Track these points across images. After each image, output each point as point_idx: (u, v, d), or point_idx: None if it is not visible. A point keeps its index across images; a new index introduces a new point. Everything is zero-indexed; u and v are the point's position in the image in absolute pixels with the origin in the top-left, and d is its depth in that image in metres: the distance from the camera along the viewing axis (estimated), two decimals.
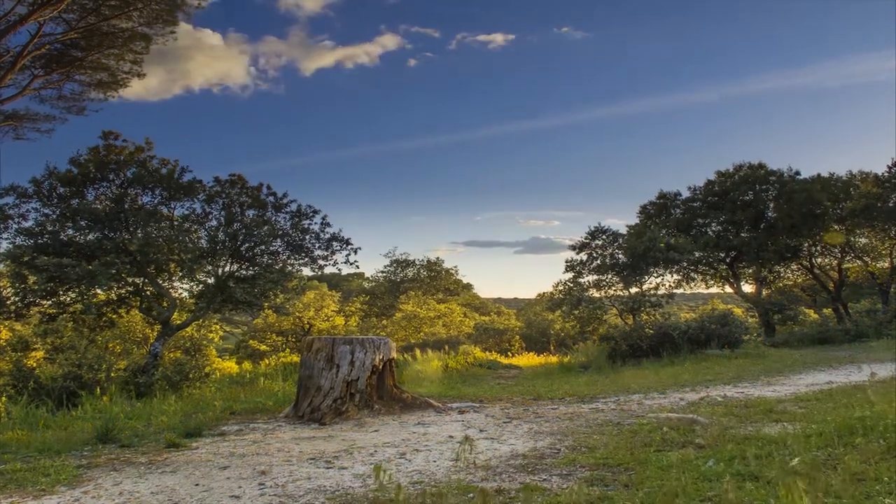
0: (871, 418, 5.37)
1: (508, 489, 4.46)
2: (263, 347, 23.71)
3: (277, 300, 15.41)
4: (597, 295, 19.86)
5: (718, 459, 4.84)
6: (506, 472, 5.06)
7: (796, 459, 4.42)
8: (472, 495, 4.31)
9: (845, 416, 5.83)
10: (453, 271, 51.31)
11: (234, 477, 5.20)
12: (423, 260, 51.06)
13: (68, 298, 13.00)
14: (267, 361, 19.55)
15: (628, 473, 4.73)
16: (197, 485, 4.99)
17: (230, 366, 23.38)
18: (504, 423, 7.64)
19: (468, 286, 54.12)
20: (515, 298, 61.75)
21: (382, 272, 50.24)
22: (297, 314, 22.46)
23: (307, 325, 22.35)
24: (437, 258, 51.44)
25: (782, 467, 4.29)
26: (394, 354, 9.09)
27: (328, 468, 5.43)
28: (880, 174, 22.37)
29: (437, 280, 49.67)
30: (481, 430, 7.15)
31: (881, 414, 5.48)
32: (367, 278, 52.58)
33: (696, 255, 23.36)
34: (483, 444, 6.29)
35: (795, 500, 2.47)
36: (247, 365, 20.40)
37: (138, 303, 14.04)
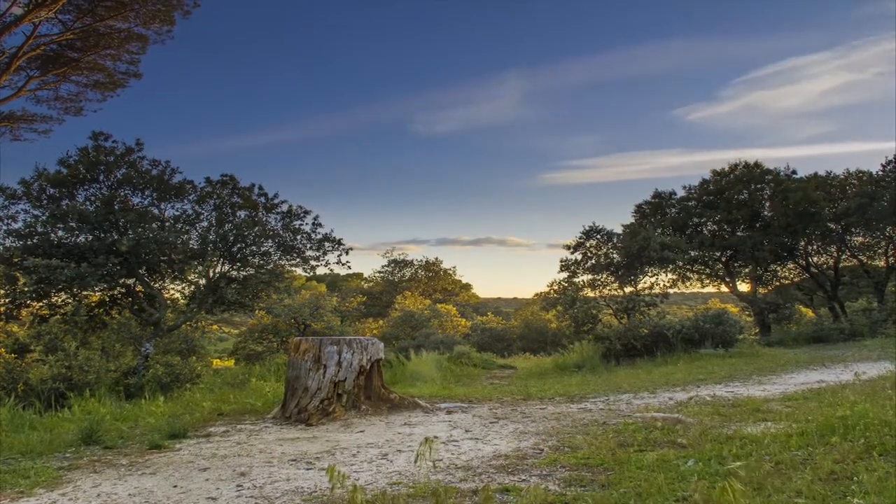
0: (852, 417, 5.36)
1: (488, 489, 4.44)
2: (259, 348, 23.68)
3: (271, 300, 15.35)
4: (592, 294, 19.83)
5: (698, 459, 4.84)
6: (486, 473, 5.05)
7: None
8: (450, 497, 4.30)
9: (828, 415, 5.83)
10: (451, 271, 51.45)
11: (213, 478, 5.18)
12: (421, 260, 51.18)
13: (59, 300, 13.00)
14: (261, 362, 19.53)
15: (607, 473, 4.73)
16: (175, 486, 4.98)
17: (229, 364, 23.36)
18: (490, 423, 7.63)
19: (467, 286, 54.19)
20: (515, 298, 61.75)
21: (380, 272, 50.36)
22: (292, 315, 22.44)
23: (302, 326, 22.32)
24: (436, 258, 51.55)
25: (758, 469, 4.28)
26: (381, 355, 9.07)
27: (308, 469, 5.42)
28: (875, 173, 22.38)
29: (434, 280, 49.73)
30: (467, 431, 7.13)
31: (862, 413, 5.46)
32: (366, 278, 52.60)
33: (692, 254, 23.33)
34: (467, 445, 6.28)
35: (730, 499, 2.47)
36: (241, 365, 20.38)
37: (130, 304, 14.03)
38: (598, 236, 20.44)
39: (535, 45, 62.62)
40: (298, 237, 14.78)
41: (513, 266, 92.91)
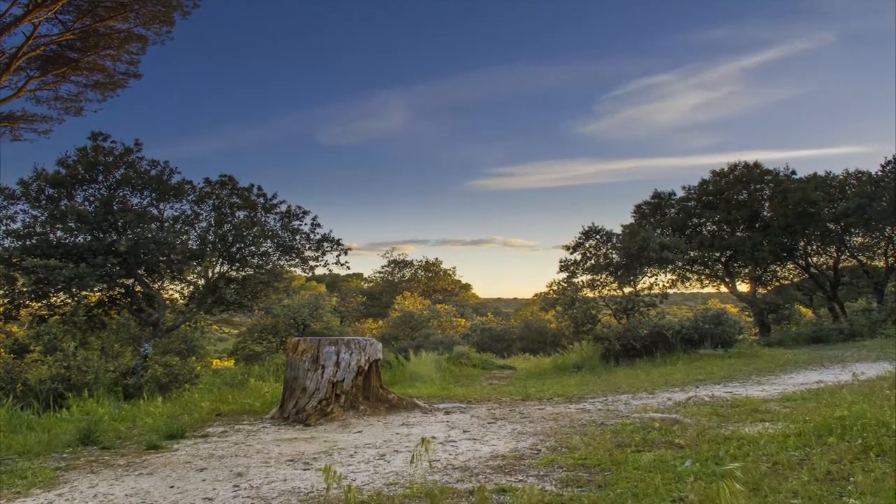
0: (849, 418, 5.36)
1: (483, 490, 4.44)
2: (259, 349, 23.68)
3: (270, 300, 15.32)
4: (591, 295, 19.81)
5: (695, 460, 4.84)
6: (483, 473, 5.05)
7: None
8: (447, 497, 4.30)
9: (826, 415, 5.82)
10: (451, 272, 51.47)
11: (210, 479, 5.18)
12: (421, 260, 51.21)
13: (58, 300, 12.99)
14: (261, 362, 19.52)
15: (604, 474, 4.73)
16: (172, 487, 4.98)
17: (229, 364, 23.40)
18: (489, 423, 7.63)
19: (467, 286, 54.21)
20: (515, 299, 61.82)
21: (380, 272, 50.40)
22: (291, 315, 22.45)
23: (302, 326, 22.31)
24: (436, 258, 51.57)
25: (755, 469, 4.28)
26: (380, 355, 9.07)
27: (305, 470, 5.42)
28: (874, 173, 22.36)
29: (434, 280, 49.75)
30: (465, 431, 7.13)
31: (860, 413, 5.46)
32: (366, 279, 52.63)
33: (691, 254, 23.31)
34: (464, 445, 6.27)
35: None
36: (241, 366, 20.39)
37: (129, 304, 14.02)
38: (598, 236, 20.43)
39: (408, 67, 67.13)
40: (297, 237, 14.78)
41: (513, 266, 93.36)
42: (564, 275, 20.56)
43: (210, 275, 14.16)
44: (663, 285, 21.67)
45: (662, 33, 64.35)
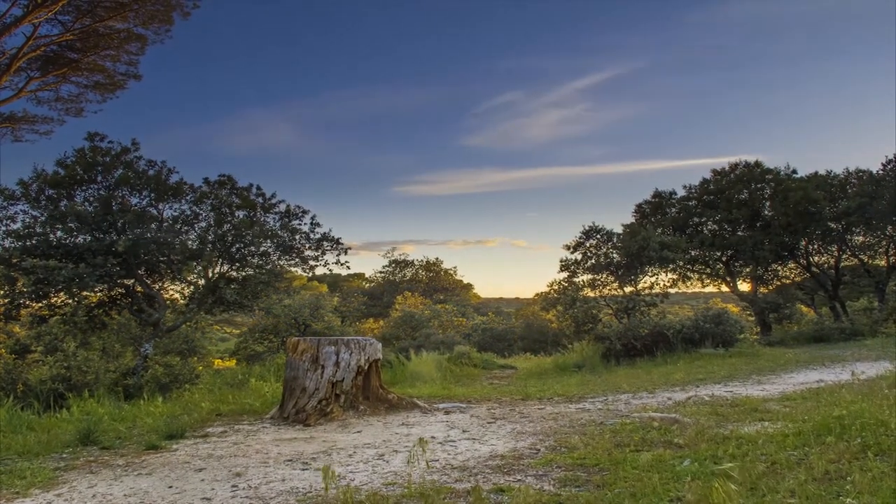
0: (848, 417, 5.35)
1: (479, 490, 4.44)
2: (260, 349, 23.69)
3: (271, 300, 15.31)
4: (592, 294, 19.81)
5: (694, 459, 4.83)
6: (481, 473, 5.04)
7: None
8: (444, 497, 4.30)
9: (825, 415, 5.82)
10: (452, 272, 51.51)
11: (209, 479, 5.19)
12: (422, 260, 51.24)
13: (58, 300, 13.01)
14: (262, 362, 19.52)
15: (602, 473, 4.72)
16: (170, 487, 4.98)
17: (231, 364, 23.40)
18: (488, 423, 7.62)
19: (468, 286, 54.24)
20: (516, 298, 61.94)
21: (381, 272, 50.46)
22: (292, 315, 22.44)
23: (303, 326, 22.31)
24: (437, 258, 51.60)
25: (752, 469, 4.27)
26: (380, 355, 9.07)
27: (304, 470, 5.42)
28: (875, 172, 22.33)
29: (436, 280, 49.77)
30: (464, 431, 7.13)
31: (859, 413, 5.45)
32: (367, 278, 52.69)
33: (692, 253, 23.29)
34: (464, 445, 6.27)
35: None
36: (242, 366, 20.40)
37: (129, 304, 14.03)
38: (598, 236, 20.43)
39: (281, 87, 68.48)
40: (297, 237, 14.79)
41: (514, 266, 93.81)
42: (565, 274, 20.56)
43: (210, 275, 14.17)
44: (664, 285, 21.64)
45: (491, 60, 67.15)
